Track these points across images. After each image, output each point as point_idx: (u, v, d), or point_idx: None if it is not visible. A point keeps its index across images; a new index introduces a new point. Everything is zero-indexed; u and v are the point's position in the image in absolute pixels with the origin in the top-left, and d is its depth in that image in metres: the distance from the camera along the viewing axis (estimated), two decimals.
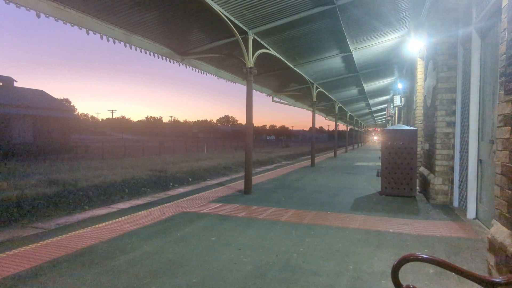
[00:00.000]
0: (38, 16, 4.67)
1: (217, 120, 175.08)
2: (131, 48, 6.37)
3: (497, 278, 1.21)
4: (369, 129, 53.55)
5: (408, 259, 1.25)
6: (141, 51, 6.64)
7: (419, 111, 8.85)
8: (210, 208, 5.53)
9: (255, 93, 10.59)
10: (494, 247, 2.53)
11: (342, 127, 38.40)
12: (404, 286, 1.26)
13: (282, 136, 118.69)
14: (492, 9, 3.79)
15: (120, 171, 13.49)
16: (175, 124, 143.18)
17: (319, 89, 13.83)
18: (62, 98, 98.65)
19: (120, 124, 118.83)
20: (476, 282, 1.23)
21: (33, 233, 4.59)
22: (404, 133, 6.61)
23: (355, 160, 17.45)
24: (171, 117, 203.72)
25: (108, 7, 5.30)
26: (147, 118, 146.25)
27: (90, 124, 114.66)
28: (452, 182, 5.61)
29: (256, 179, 9.19)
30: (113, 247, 3.60)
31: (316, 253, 3.44)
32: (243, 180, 7.27)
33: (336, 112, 19.62)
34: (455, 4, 5.35)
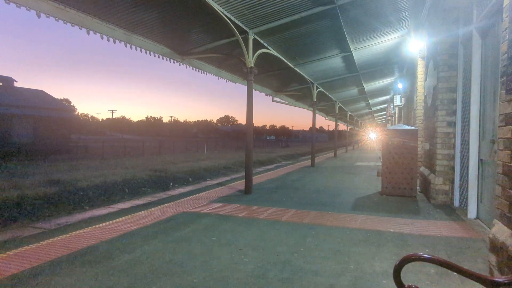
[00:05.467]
0: (39, 16, 4.67)
1: (217, 120, 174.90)
2: (131, 48, 6.37)
3: (500, 278, 1.20)
4: (369, 126, 53.55)
5: (410, 259, 1.24)
6: (141, 51, 6.64)
7: (419, 111, 8.85)
8: (211, 208, 5.53)
9: (255, 93, 10.59)
10: (496, 247, 2.53)
11: (342, 127, 38.44)
12: (406, 286, 1.25)
13: (282, 136, 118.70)
14: (493, 8, 3.78)
15: (120, 171, 13.49)
16: (175, 124, 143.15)
17: (319, 89, 13.83)
18: (62, 98, 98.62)
19: (120, 124, 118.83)
20: (478, 282, 1.22)
21: (34, 233, 4.59)
22: (404, 132, 6.61)
23: (356, 160, 17.44)
24: (171, 117, 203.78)
25: (109, 7, 5.30)
26: (147, 118, 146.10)
27: (90, 124, 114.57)
28: (452, 182, 5.61)
29: (256, 179, 9.19)
30: (114, 247, 3.60)
31: (317, 253, 3.44)
32: (244, 180, 7.26)
33: (336, 112, 19.61)
34: (456, 4, 5.34)
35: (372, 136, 41.92)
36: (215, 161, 19.65)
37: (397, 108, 16.20)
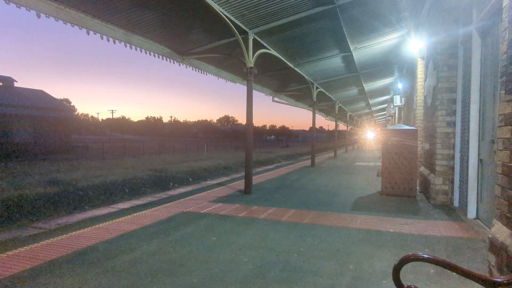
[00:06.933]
0: (39, 16, 4.67)
1: (217, 120, 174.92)
2: (131, 48, 6.37)
3: (499, 278, 1.20)
4: (369, 126, 53.55)
5: (410, 259, 1.25)
6: (141, 51, 6.64)
7: (419, 111, 8.85)
8: (211, 208, 5.53)
9: (255, 93, 10.59)
10: (495, 247, 2.53)
11: (342, 127, 38.43)
12: (405, 286, 1.26)
13: (282, 136, 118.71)
14: (493, 9, 3.78)
15: (120, 171, 13.49)
16: (175, 124, 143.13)
17: (319, 89, 13.83)
18: (62, 98, 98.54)
19: (120, 124, 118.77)
20: (478, 282, 1.23)
21: (34, 233, 4.59)
22: (404, 132, 6.61)
23: (356, 160, 17.44)
24: (171, 117, 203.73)
25: (109, 7, 5.30)
26: (147, 118, 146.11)
27: (90, 124, 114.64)
28: (452, 182, 5.61)
29: (256, 179, 9.19)
30: (114, 247, 3.60)
31: (317, 253, 3.44)
32: (243, 180, 7.27)
33: (336, 112, 19.61)
34: (455, 4, 5.34)
35: (372, 136, 41.80)
36: (215, 161, 19.66)
37: (397, 108, 16.20)
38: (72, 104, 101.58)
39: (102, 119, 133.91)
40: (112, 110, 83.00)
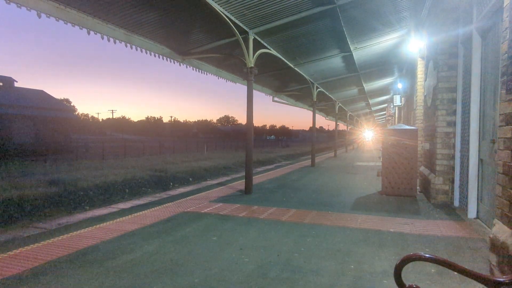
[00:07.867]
0: (39, 16, 4.67)
1: (217, 120, 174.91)
2: (131, 48, 6.37)
3: (501, 278, 1.20)
4: (368, 126, 53.42)
5: (411, 259, 1.25)
6: (141, 51, 6.64)
7: (419, 111, 8.85)
8: (211, 208, 5.53)
9: (255, 93, 10.60)
10: (496, 247, 2.53)
11: (342, 127, 38.45)
12: (407, 286, 1.26)
13: (282, 136, 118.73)
14: (493, 8, 3.78)
15: (120, 171, 13.49)
16: (175, 124, 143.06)
17: (319, 89, 13.83)
18: (62, 98, 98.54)
19: (121, 124, 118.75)
20: (479, 282, 1.23)
21: (34, 233, 4.59)
22: (404, 132, 6.62)
23: (356, 160, 17.44)
24: (171, 117, 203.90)
25: (109, 7, 5.30)
26: (147, 118, 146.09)
27: (90, 124, 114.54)
28: (452, 181, 5.61)
29: (256, 179, 9.19)
30: (114, 247, 3.60)
31: (317, 253, 3.44)
32: (244, 180, 7.26)
33: (336, 112, 19.61)
34: (456, 4, 5.34)
35: (371, 136, 41.63)
36: (215, 161, 19.67)
37: (396, 108, 16.21)
38: (72, 104, 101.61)
39: (102, 119, 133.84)
40: (112, 110, 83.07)
